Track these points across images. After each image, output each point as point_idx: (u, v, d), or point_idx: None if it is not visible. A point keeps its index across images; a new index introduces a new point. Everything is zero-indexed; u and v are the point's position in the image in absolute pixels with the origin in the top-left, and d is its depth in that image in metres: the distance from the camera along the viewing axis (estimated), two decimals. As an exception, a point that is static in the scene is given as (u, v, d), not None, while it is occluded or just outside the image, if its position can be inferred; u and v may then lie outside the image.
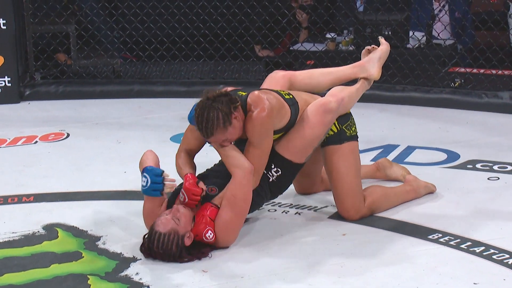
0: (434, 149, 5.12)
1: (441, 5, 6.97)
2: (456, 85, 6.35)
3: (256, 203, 3.71)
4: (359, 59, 6.50)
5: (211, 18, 6.89)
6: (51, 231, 3.87)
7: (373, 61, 4.14)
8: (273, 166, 3.73)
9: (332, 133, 3.83)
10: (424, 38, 6.76)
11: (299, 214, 4.05)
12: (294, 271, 3.41)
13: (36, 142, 5.45)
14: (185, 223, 3.49)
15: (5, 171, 4.81)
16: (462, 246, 3.63)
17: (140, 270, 3.42)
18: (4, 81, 6.53)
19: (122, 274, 3.40)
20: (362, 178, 4.11)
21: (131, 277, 3.37)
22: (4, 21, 6.41)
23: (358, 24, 6.76)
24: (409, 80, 6.44)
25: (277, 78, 3.91)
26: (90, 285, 3.31)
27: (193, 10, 6.89)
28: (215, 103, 3.46)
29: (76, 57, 6.98)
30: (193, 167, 3.71)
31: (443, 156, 4.97)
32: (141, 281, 3.33)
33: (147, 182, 3.54)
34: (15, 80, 6.56)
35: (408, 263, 3.47)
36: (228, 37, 6.88)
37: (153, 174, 3.53)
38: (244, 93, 3.62)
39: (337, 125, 3.84)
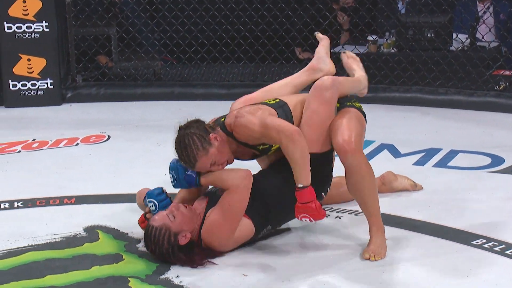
0: (478, 153, 5.06)
1: (486, 6, 6.89)
2: (500, 88, 6.28)
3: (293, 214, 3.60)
4: (401, 62, 6.53)
5: (252, 20, 6.89)
6: (92, 233, 3.89)
7: (322, 59, 4.05)
8: None
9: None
10: (468, 40, 6.70)
11: (340, 218, 4.03)
12: (334, 276, 3.39)
13: (78, 144, 5.50)
14: (181, 221, 3.48)
15: (47, 173, 4.85)
16: (507, 252, 3.58)
17: (180, 273, 3.42)
18: (46, 83, 6.60)
19: (163, 276, 3.41)
20: None
21: (171, 279, 3.38)
22: (47, 24, 6.48)
23: (400, 26, 6.72)
24: (452, 83, 6.39)
25: (236, 106, 3.85)
26: (131, 287, 3.32)
27: (234, 12, 6.90)
28: (187, 129, 3.52)
29: (117, 59, 7.03)
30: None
31: (487, 160, 4.92)
32: (181, 284, 3.34)
33: (174, 178, 3.57)
34: (57, 82, 6.62)
35: (451, 269, 3.43)
36: (268, 39, 6.88)
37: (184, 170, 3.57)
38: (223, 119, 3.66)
39: (337, 104, 3.75)
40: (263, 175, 3.73)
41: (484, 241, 3.70)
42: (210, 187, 3.71)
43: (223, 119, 3.65)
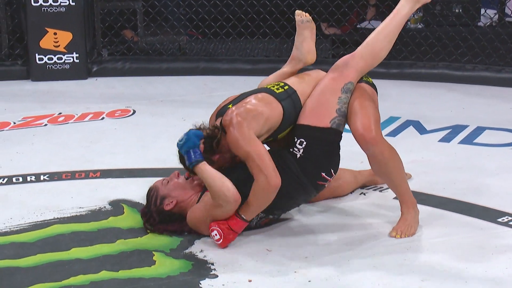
0: (505, 130, 5.03)
1: (515, -19, 6.80)
2: (529, 64, 6.22)
3: (292, 200, 3.57)
4: (428, 37, 6.47)
5: (277, -5, 6.86)
6: (117, 207, 3.92)
7: (298, 48, 3.82)
8: (295, 139, 3.51)
9: None
10: (497, 16, 6.62)
11: (364, 194, 4.02)
12: (358, 252, 3.39)
13: (103, 118, 5.52)
14: (172, 188, 3.54)
15: (72, 147, 4.88)
16: (533, 230, 3.57)
17: (204, 248, 3.44)
18: (72, 57, 6.62)
19: (187, 251, 3.43)
20: (363, 183, 4.07)
21: (196, 254, 3.40)
22: (73, -3, 6.50)
23: (428, 1, 6.64)
24: (480, 59, 6.35)
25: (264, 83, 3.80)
26: (155, 261, 3.34)
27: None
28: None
29: (142, 34, 7.03)
30: None
31: (514, 137, 4.89)
32: (205, 259, 3.35)
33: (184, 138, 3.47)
34: (83, 56, 6.64)
35: (476, 247, 3.42)
36: (294, 14, 6.82)
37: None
38: (231, 106, 3.55)
39: None
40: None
41: (510, 218, 3.68)
42: None
43: (230, 105, 3.57)
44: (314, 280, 3.17)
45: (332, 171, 3.56)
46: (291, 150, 3.51)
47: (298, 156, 3.50)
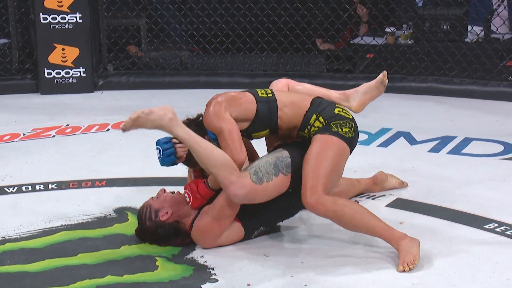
0: (491, 141, 5.03)
1: (500, 0, 6.81)
2: (513, 78, 6.24)
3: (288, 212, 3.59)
4: (418, 53, 6.49)
5: (274, 12, 6.87)
6: (121, 214, 3.91)
7: (356, 94, 3.84)
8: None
9: (317, 128, 3.49)
10: (483, 32, 6.64)
11: (358, 202, 4.02)
12: (352, 257, 3.39)
13: (108, 129, 5.52)
14: (163, 201, 3.49)
15: (79, 157, 4.88)
16: (518, 236, 3.56)
17: (205, 253, 3.43)
18: (79, 71, 6.62)
19: (188, 256, 3.42)
20: (360, 191, 4.03)
21: (196, 259, 3.39)
22: (80, 15, 6.50)
23: (418, 18, 6.67)
24: (467, 74, 6.37)
25: (275, 86, 3.79)
26: (158, 266, 3.34)
27: (258, 4, 6.88)
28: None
29: (146, 49, 7.05)
30: None
31: (500, 148, 4.88)
32: (205, 264, 3.35)
33: (160, 152, 3.51)
34: (90, 71, 6.65)
35: (464, 252, 3.42)
36: (290, 30, 6.86)
37: (162, 143, 3.52)
38: None
39: (322, 120, 3.49)
40: None
41: (496, 225, 3.68)
42: None
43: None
44: (310, 284, 3.17)
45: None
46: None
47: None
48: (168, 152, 3.49)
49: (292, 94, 3.65)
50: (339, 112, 3.53)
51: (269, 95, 3.57)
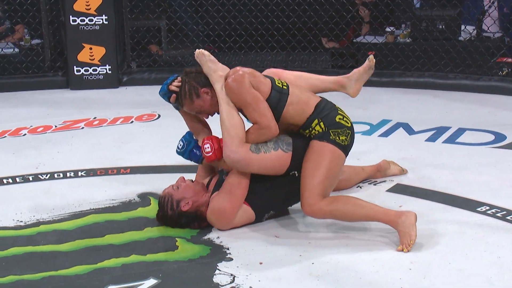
0: (483, 131, 5.00)
1: (491, 1, 6.76)
2: (503, 73, 6.20)
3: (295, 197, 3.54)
4: (416, 50, 6.46)
5: (283, 13, 6.85)
6: (144, 199, 3.92)
7: (351, 81, 3.77)
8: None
9: (317, 132, 3.44)
10: (475, 31, 6.60)
11: (360, 187, 4.01)
12: (355, 237, 3.38)
13: (132, 122, 5.52)
14: (185, 191, 3.44)
15: (105, 147, 4.88)
16: (508, 217, 3.54)
17: (221, 234, 3.43)
18: (106, 69, 6.63)
19: (205, 237, 3.42)
20: (364, 178, 3.97)
21: (213, 240, 3.39)
22: (106, 17, 6.50)
23: (415, 19, 6.63)
24: (461, 69, 6.32)
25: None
26: (178, 246, 3.34)
27: (268, 6, 6.86)
28: (186, 76, 3.47)
29: (166, 48, 7.04)
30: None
31: (491, 137, 4.85)
32: (221, 244, 3.35)
33: (183, 147, 3.51)
34: (115, 68, 6.65)
35: (458, 233, 3.40)
36: (298, 30, 6.84)
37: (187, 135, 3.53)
38: None
39: (323, 126, 3.43)
40: None
41: (488, 208, 3.66)
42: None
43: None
44: (316, 262, 3.17)
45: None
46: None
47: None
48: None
49: (303, 92, 3.52)
50: (339, 121, 3.46)
51: (284, 87, 3.47)
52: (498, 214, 3.58)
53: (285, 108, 3.43)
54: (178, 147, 3.58)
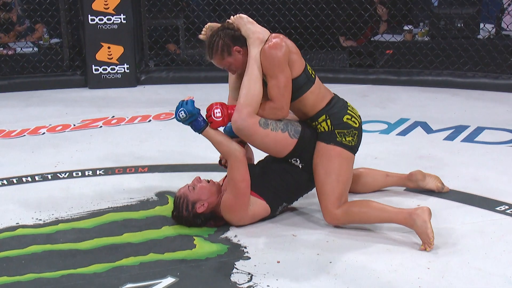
0: (502, 129, 4.97)
1: (510, -1, 6.72)
2: (523, 72, 6.15)
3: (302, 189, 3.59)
4: (434, 49, 6.42)
5: (301, 12, 6.84)
6: (162, 197, 3.93)
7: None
8: (290, 160, 3.50)
9: (323, 129, 3.45)
10: (494, 29, 6.55)
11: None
12: (372, 238, 3.37)
13: (150, 120, 5.54)
14: (200, 192, 3.42)
15: (124, 145, 4.90)
16: (527, 218, 3.52)
17: (238, 233, 3.43)
18: (124, 68, 6.65)
19: (223, 236, 3.43)
20: (391, 184, 3.86)
21: (231, 238, 3.40)
22: (124, 16, 6.52)
23: (433, 17, 6.60)
24: (480, 68, 6.28)
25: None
26: (196, 245, 3.34)
27: (286, 5, 6.85)
28: (221, 31, 3.39)
29: (184, 47, 7.05)
30: None
31: (510, 136, 4.82)
32: (239, 243, 3.35)
33: (185, 115, 3.40)
34: (133, 67, 6.67)
35: (477, 232, 3.38)
36: (316, 29, 6.82)
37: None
38: None
39: (329, 124, 3.44)
40: (268, 160, 3.61)
41: (507, 207, 3.64)
42: None
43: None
44: (334, 261, 3.16)
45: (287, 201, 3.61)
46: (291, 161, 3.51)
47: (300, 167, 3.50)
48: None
49: (323, 86, 3.52)
50: (347, 121, 3.46)
51: (312, 74, 3.47)
52: (517, 214, 3.56)
53: (305, 94, 3.43)
54: (179, 115, 3.42)
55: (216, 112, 3.43)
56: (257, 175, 3.47)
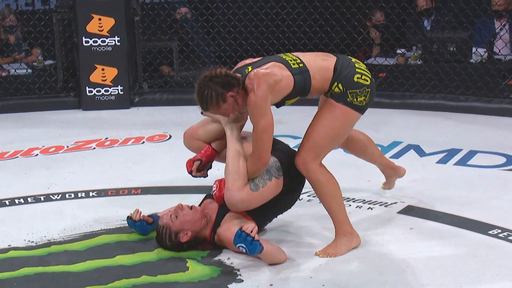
0: (494, 153, 4.99)
1: (502, 24, 6.78)
2: (515, 96, 6.20)
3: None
4: (427, 72, 6.46)
5: (294, 35, 6.88)
6: (155, 220, 3.91)
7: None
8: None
9: (337, 91, 3.40)
10: (486, 54, 6.60)
11: (371, 209, 4.00)
12: (364, 260, 3.37)
13: (143, 142, 5.54)
14: (183, 221, 3.40)
15: (117, 167, 4.90)
16: (520, 241, 3.53)
17: (231, 256, 3.43)
18: (118, 89, 6.66)
19: (216, 258, 3.42)
20: (377, 165, 3.96)
21: (224, 261, 3.39)
22: (118, 38, 6.55)
23: (426, 41, 6.66)
24: (472, 91, 6.32)
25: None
26: (189, 267, 3.34)
27: (279, 28, 6.90)
28: (210, 82, 3.32)
29: (178, 69, 7.08)
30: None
31: (503, 159, 4.84)
32: (232, 265, 3.35)
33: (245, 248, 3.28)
34: (127, 89, 6.69)
35: (470, 255, 3.39)
36: (310, 51, 6.85)
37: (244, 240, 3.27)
38: (250, 69, 3.36)
39: (341, 87, 3.39)
40: None
41: (500, 231, 3.64)
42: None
43: (248, 69, 3.36)
44: (327, 283, 3.16)
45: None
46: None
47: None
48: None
49: (316, 59, 3.45)
50: (358, 80, 3.41)
51: (300, 65, 3.39)
52: (510, 237, 3.56)
53: (311, 84, 3.39)
54: (238, 247, 3.28)
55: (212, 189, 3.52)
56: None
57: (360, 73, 3.44)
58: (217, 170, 3.77)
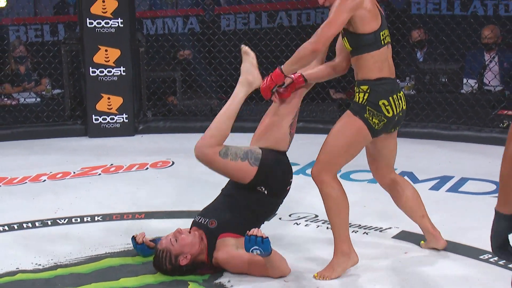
0: (485, 180, 5.00)
1: (492, 56, 6.83)
2: (504, 125, 6.20)
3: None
4: (420, 102, 6.49)
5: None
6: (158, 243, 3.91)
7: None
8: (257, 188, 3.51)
9: (357, 100, 3.34)
10: (476, 85, 6.64)
11: (367, 234, 4.01)
12: (362, 284, 3.36)
13: (147, 168, 5.55)
14: (182, 245, 3.37)
15: (121, 192, 4.91)
16: (510, 266, 3.52)
17: (232, 278, 3.42)
18: (123, 117, 6.69)
19: (217, 281, 3.42)
20: (418, 225, 3.76)
21: (224, 284, 3.39)
22: (124, 68, 6.59)
23: (419, 72, 6.70)
24: (463, 121, 6.34)
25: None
26: (190, 290, 3.34)
27: (278, 59, 6.94)
28: None
29: (181, 98, 7.11)
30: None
31: (493, 187, 4.85)
32: (232, 288, 3.35)
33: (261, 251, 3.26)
34: (131, 117, 6.71)
35: (462, 280, 3.39)
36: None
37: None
38: None
39: (364, 98, 3.31)
40: (233, 188, 3.61)
41: (490, 256, 3.64)
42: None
43: None
44: (324, 307, 3.15)
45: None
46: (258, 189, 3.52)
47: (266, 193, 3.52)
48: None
49: (389, 61, 3.35)
50: (381, 105, 3.30)
51: (383, 41, 3.28)
52: (500, 262, 3.56)
53: (364, 54, 3.27)
54: (252, 251, 3.24)
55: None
56: (227, 210, 3.49)
57: (389, 102, 3.33)
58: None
